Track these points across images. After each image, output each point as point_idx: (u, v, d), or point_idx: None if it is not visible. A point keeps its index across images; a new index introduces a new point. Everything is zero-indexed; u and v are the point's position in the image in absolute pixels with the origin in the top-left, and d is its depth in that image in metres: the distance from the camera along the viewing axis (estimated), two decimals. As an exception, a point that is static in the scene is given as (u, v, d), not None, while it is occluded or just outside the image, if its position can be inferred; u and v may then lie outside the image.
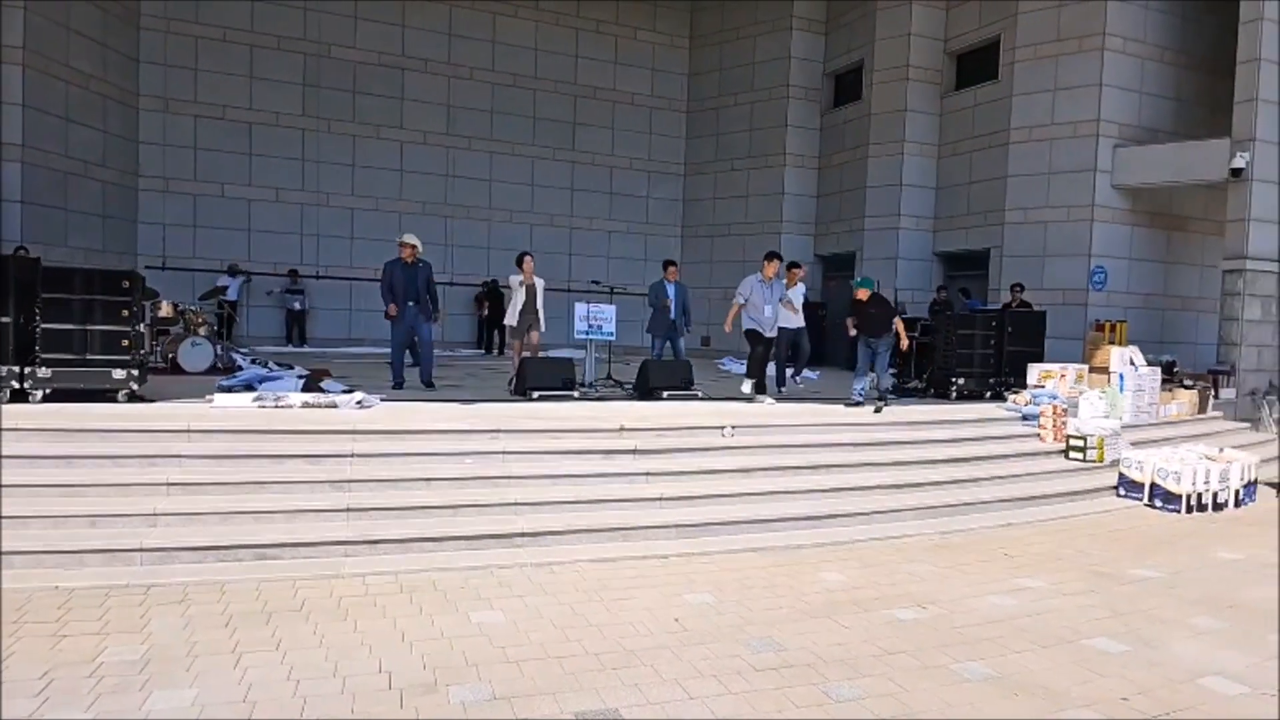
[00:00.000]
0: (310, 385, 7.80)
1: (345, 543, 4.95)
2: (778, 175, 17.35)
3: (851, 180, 16.26)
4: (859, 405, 8.40)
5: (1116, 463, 7.83)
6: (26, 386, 6.32)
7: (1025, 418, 8.55)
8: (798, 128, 17.26)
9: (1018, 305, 11.83)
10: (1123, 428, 8.62)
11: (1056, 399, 8.70)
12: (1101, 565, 5.61)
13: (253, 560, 4.76)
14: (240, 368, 9.65)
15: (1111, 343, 11.36)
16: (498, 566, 4.98)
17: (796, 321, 9.90)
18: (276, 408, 6.66)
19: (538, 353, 9.33)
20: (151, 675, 3.42)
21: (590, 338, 9.45)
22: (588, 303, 9.46)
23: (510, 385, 8.79)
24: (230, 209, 15.45)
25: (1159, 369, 10.17)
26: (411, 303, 8.54)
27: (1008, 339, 10.24)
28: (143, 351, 6.95)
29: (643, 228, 18.63)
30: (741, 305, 8.62)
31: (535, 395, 8.15)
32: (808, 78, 17.13)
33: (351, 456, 5.74)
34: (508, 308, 9.52)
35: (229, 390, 7.25)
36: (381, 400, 7.27)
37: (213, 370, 9.43)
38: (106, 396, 6.46)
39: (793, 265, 10.24)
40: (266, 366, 9.67)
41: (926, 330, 10.69)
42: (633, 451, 6.42)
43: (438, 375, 9.08)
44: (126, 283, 6.49)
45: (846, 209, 16.41)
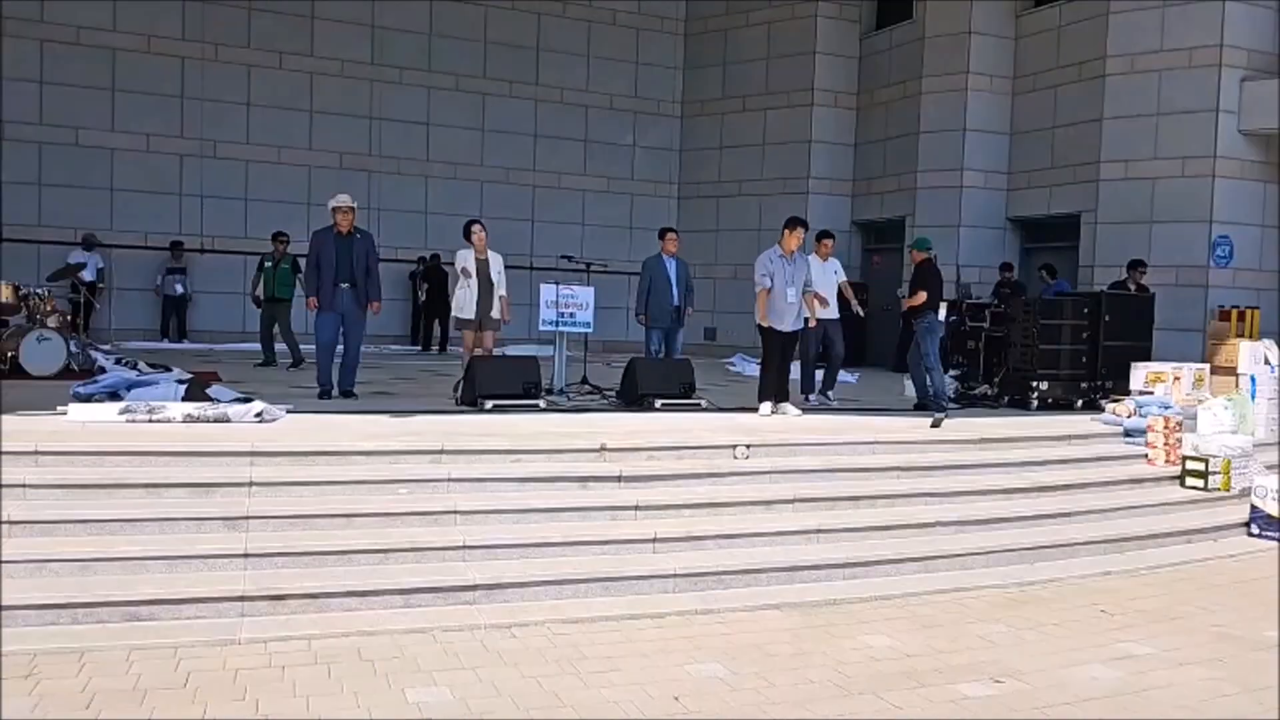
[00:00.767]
0: (194, 392, 7.76)
1: (242, 598, 4.92)
2: (804, 117, 17.40)
3: (900, 124, 16.32)
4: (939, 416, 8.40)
5: (1247, 492, 7.88)
6: None
7: (1128, 434, 8.60)
8: (830, 55, 17.31)
9: (1136, 291, 11.82)
10: (1255, 446, 8.66)
11: (1169, 409, 8.76)
12: (1229, 626, 5.63)
13: (121, 622, 4.71)
14: (102, 370, 9.60)
15: (1240, 335, 11.46)
16: (443, 629, 4.95)
17: (831, 311, 9.86)
18: (151, 422, 6.61)
19: (491, 351, 9.33)
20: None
21: (561, 330, 9.45)
22: (557, 284, 9.46)
23: (457, 392, 8.79)
24: (86, 161, 15.36)
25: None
26: (345, 284, 8.53)
27: (1105, 331, 10.30)
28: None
29: (627, 185, 18.65)
30: (769, 289, 8.58)
31: (490, 405, 8.15)
32: (843, -11, 17.23)
33: (250, 486, 5.70)
34: (454, 291, 9.50)
35: (88, 399, 7.19)
36: (288, 412, 7.25)
37: (66, 373, 9.36)
38: (-77, 408, 6.41)
39: (823, 235, 10.25)
40: (136, 368, 9.63)
41: (997, 319, 10.77)
42: (618, 478, 6.40)
43: (360, 379, 9.06)
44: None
45: (894, 162, 16.47)
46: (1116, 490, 7.80)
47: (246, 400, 7.37)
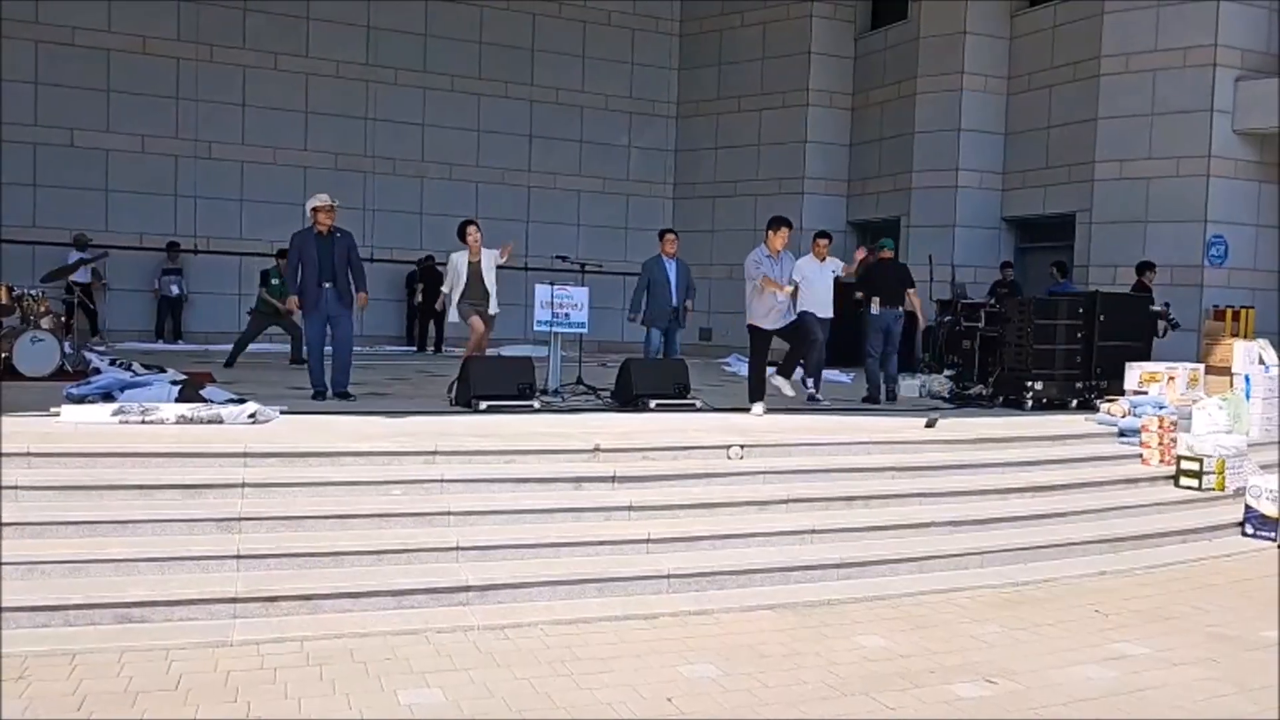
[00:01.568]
0: (187, 393, 7.76)
1: (235, 600, 4.91)
2: (798, 118, 17.40)
3: (895, 124, 16.33)
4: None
5: (1242, 492, 7.88)
6: None
7: (1123, 433, 8.61)
8: (825, 55, 17.31)
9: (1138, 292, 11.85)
10: (1249, 446, 8.67)
11: (1164, 409, 8.77)
12: (1223, 626, 5.64)
13: (113, 624, 4.70)
14: (96, 370, 9.58)
15: (1235, 335, 11.46)
16: (435, 630, 4.94)
17: (824, 310, 9.89)
18: (144, 423, 6.59)
19: (485, 350, 9.32)
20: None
21: (555, 330, 9.44)
22: (551, 284, 9.45)
23: (451, 393, 8.78)
24: (81, 162, 15.33)
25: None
26: (328, 284, 8.52)
27: (1099, 331, 10.31)
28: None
29: (623, 186, 18.64)
30: (764, 279, 8.59)
31: (483, 406, 8.14)
32: (838, -10, 17.23)
33: (243, 487, 5.68)
34: (448, 291, 9.49)
35: (81, 400, 7.19)
36: (281, 413, 7.23)
37: (60, 374, 9.35)
38: (-85, 410, 6.39)
39: (820, 235, 10.27)
40: (129, 369, 9.61)
41: (993, 319, 10.77)
42: (611, 479, 6.40)
43: (355, 379, 9.04)
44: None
45: (889, 162, 16.48)
46: (1111, 490, 7.80)
47: (240, 401, 7.35)
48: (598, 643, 4.92)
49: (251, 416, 6.88)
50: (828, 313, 9.98)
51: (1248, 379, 9.63)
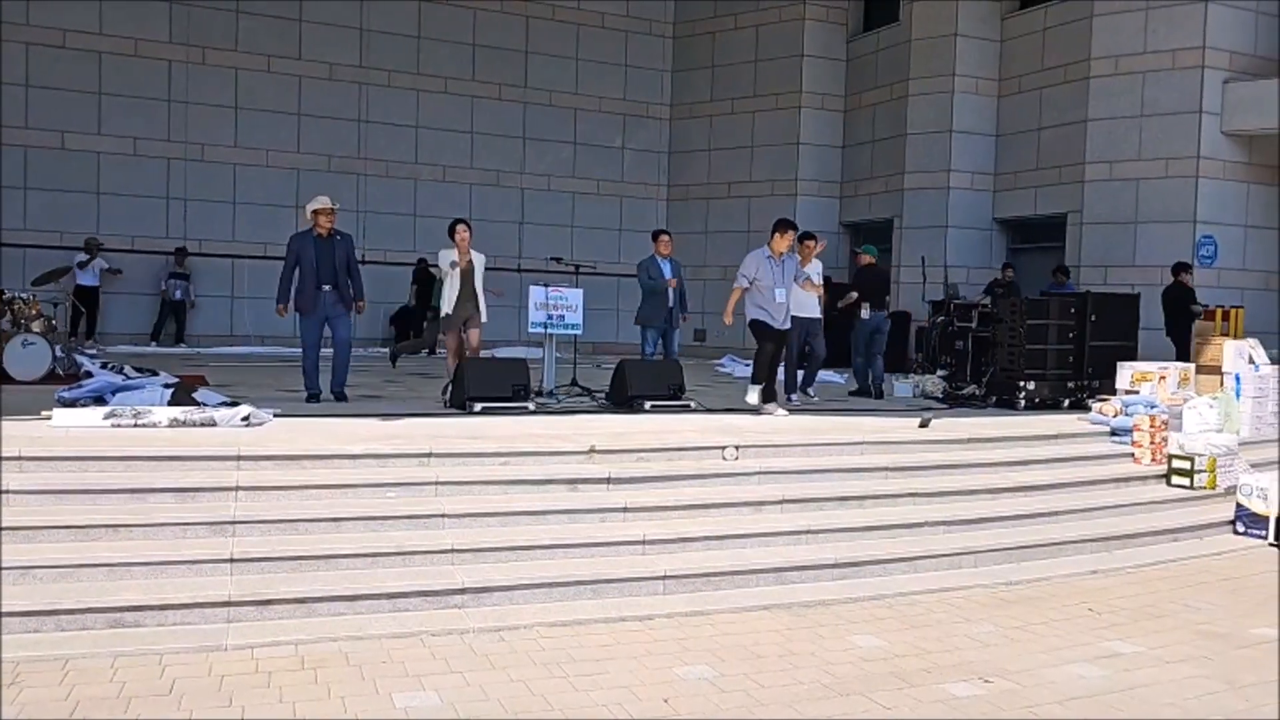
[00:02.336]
0: (180, 396, 7.71)
1: (228, 603, 4.89)
2: (791, 119, 17.42)
3: (887, 126, 16.35)
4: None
5: (1233, 490, 7.91)
6: None
7: (1115, 433, 8.63)
8: (817, 58, 17.34)
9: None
10: (1240, 445, 8.70)
11: (1155, 408, 8.79)
12: (1214, 624, 5.66)
13: (105, 629, 4.68)
14: (88, 374, 9.52)
15: (1224, 334, 11.50)
16: (430, 633, 4.93)
17: (812, 310, 9.91)
18: (136, 427, 6.57)
19: (478, 353, 9.30)
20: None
21: (550, 332, 9.44)
22: (546, 286, 9.45)
23: (445, 395, 8.76)
24: (73, 165, 15.27)
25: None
26: (327, 287, 8.51)
27: (1091, 331, 10.33)
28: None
29: (616, 188, 18.64)
30: (745, 289, 8.64)
31: (478, 408, 8.13)
32: (830, -8, 17.26)
33: (236, 490, 5.67)
34: (443, 293, 9.48)
35: (73, 404, 7.15)
36: (275, 416, 7.21)
37: (51, 377, 9.31)
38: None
39: (806, 237, 10.27)
40: (121, 372, 9.55)
41: (985, 319, 10.77)
42: (606, 481, 6.40)
43: (349, 382, 9.02)
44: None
45: (881, 163, 16.50)
46: (1103, 489, 7.81)
47: (233, 404, 7.33)
48: (593, 644, 4.92)
49: (245, 419, 6.85)
50: (815, 313, 10.02)
51: (1238, 378, 9.67)
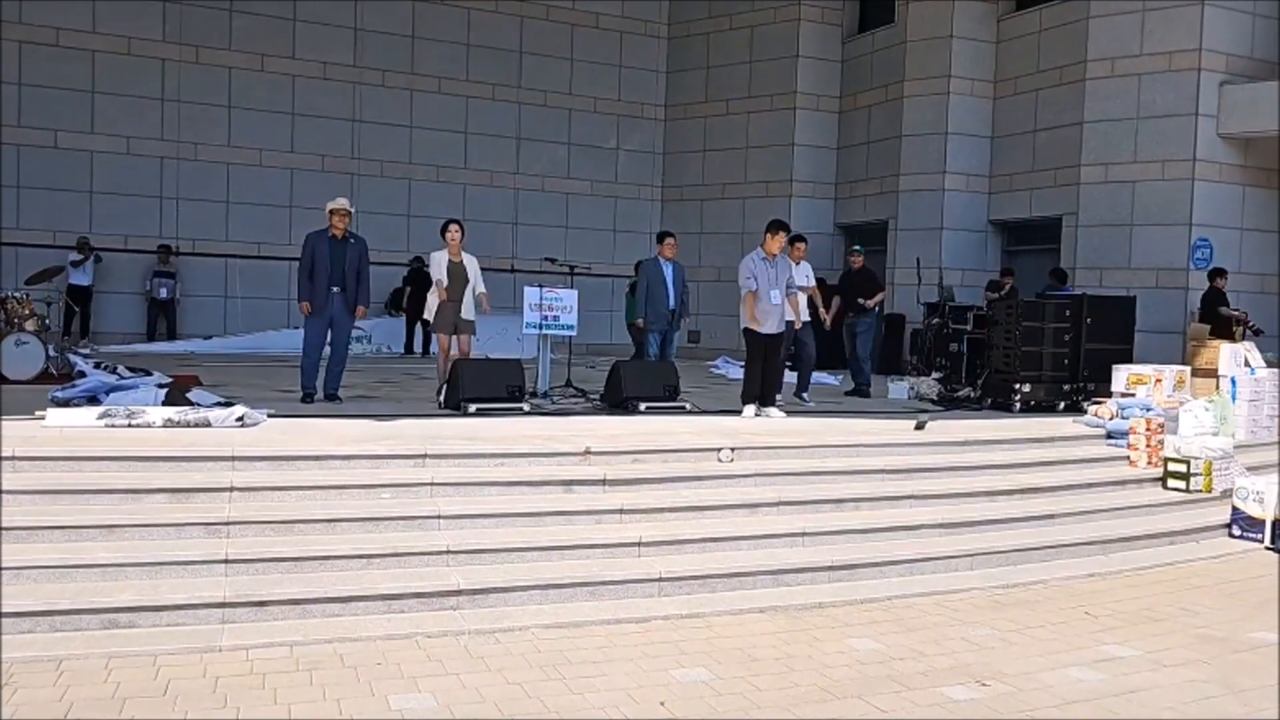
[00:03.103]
0: (174, 396, 7.71)
1: (223, 604, 4.88)
2: (786, 120, 17.42)
3: (882, 127, 16.37)
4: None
5: (1229, 494, 7.93)
6: None
7: (1110, 435, 8.64)
8: (812, 59, 17.35)
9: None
10: (1235, 448, 8.72)
11: (1151, 411, 8.81)
12: (1211, 627, 5.67)
13: (99, 630, 4.67)
14: (82, 374, 9.50)
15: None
16: (425, 635, 4.93)
17: (801, 313, 9.91)
18: (130, 427, 6.55)
19: (468, 353, 9.27)
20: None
21: (544, 333, 9.43)
22: (540, 287, 9.44)
23: (440, 396, 8.75)
24: (65, 164, 15.21)
25: (1280, 371, 10.32)
26: (336, 288, 8.50)
27: (1086, 333, 10.36)
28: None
29: (611, 188, 18.63)
30: (755, 290, 8.61)
31: (473, 409, 8.12)
32: (825, -7, 17.27)
33: (230, 491, 5.66)
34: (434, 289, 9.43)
35: (66, 404, 7.15)
36: (269, 416, 7.20)
37: (44, 377, 9.29)
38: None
39: (795, 239, 10.27)
40: (115, 372, 9.53)
41: (980, 322, 10.80)
42: (602, 482, 6.40)
43: (344, 382, 9.00)
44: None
45: (876, 164, 16.52)
46: (1099, 492, 7.83)
47: (228, 404, 7.31)
48: (589, 647, 4.91)
49: (239, 419, 6.84)
50: (805, 316, 10.00)
51: (1234, 381, 9.69)
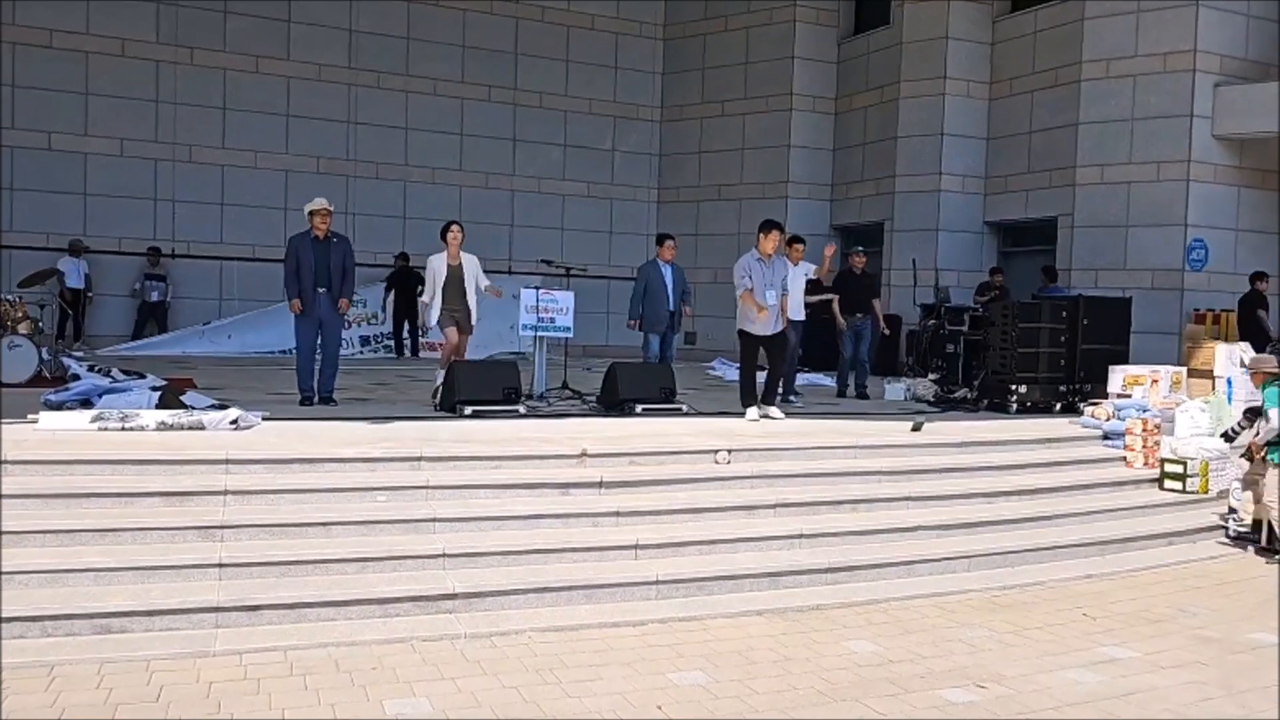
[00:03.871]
0: (168, 399, 7.68)
1: (217, 609, 4.87)
2: (782, 122, 17.41)
3: (878, 129, 16.37)
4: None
5: (1225, 494, 7.93)
6: None
7: (1107, 436, 8.64)
8: (808, 60, 17.34)
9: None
10: (1232, 448, 8.72)
11: (1147, 412, 8.81)
12: (1209, 628, 5.67)
13: (92, 635, 4.66)
14: (76, 377, 9.46)
15: (1216, 338, 11.55)
16: (421, 639, 4.92)
17: (797, 313, 9.96)
18: (124, 430, 6.54)
19: (464, 354, 9.24)
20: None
21: (540, 334, 9.40)
22: (537, 288, 9.42)
23: (435, 398, 8.72)
24: (59, 166, 15.15)
25: (1276, 371, 10.32)
26: (322, 289, 8.47)
27: (1082, 334, 10.36)
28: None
29: (607, 190, 18.61)
30: (750, 289, 8.58)
31: (469, 411, 8.10)
32: (821, -6, 17.26)
33: (225, 494, 5.64)
34: (427, 301, 9.38)
35: (59, 407, 7.11)
36: (264, 419, 7.18)
37: (37, 380, 9.26)
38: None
39: (794, 240, 10.28)
40: (109, 375, 9.49)
41: (976, 323, 10.79)
42: (598, 484, 6.39)
43: (338, 384, 8.97)
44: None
45: (872, 166, 16.51)
46: (1096, 493, 7.84)
47: (222, 407, 7.29)
48: (586, 650, 4.90)
49: (234, 423, 6.82)
50: (799, 315, 10.15)
51: (1229, 382, 9.69)
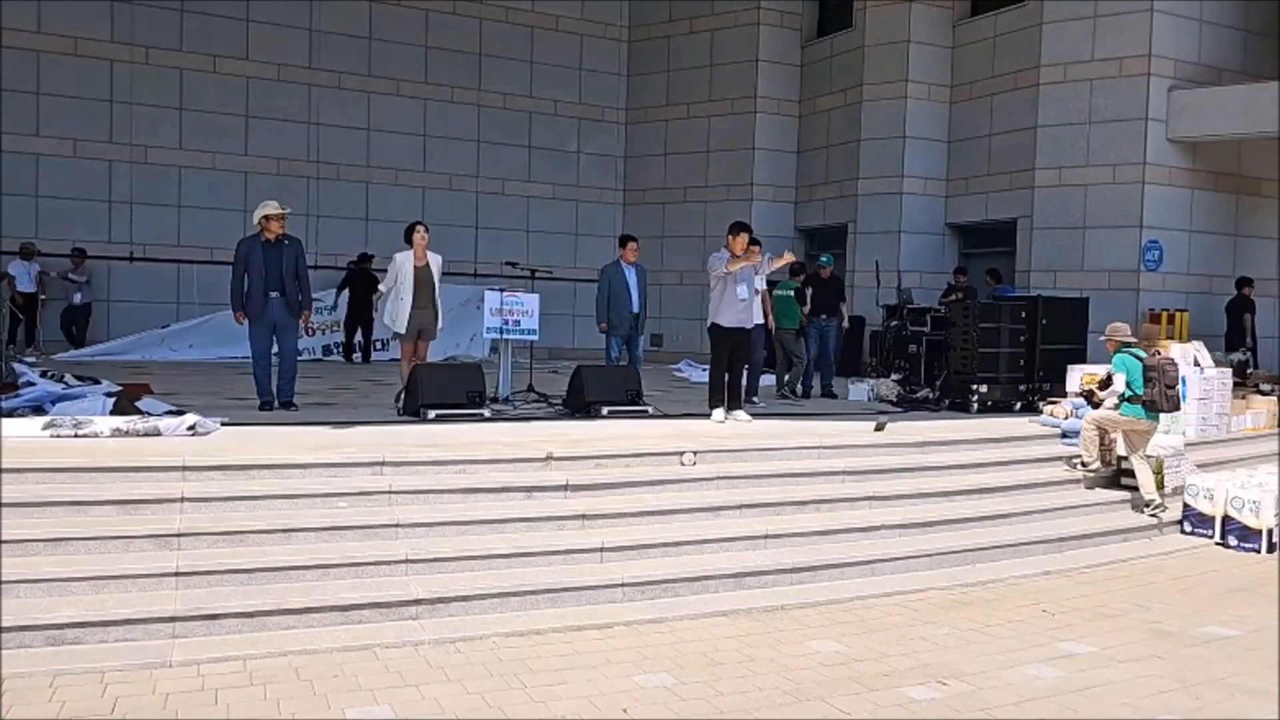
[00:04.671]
0: (123, 405, 7.59)
1: (173, 618, 4.80)
2: (747, 124, 17.49)
3: (841, 131, 16.49)
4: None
5: (1180, 491, 8.07)
6: None
7: (1065, 435, 8.76)
8: (772, 63, 17.43)
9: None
10: (1186, 446, 8.88)
11: (1104, 410, 8.92)
12: (1164, 622, 5.77)
13: (44, 646, 4.57)
14: (29, 383, 9.30)
15: (1170, 337, 11.72)
16: (384, 646, 4.88)
17: (756, 316, 9.95)
18: (77, 437, 6.45)
19: (424, 358, 9.17)
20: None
21: (505, 337, 9.38)
22: (501, 291, 9.38)
23: (398, 402, 8.66)
24: (9, 168, 14.86)
25: (1229, 370, 10.52)
26: (275, 294, 8.36)
27: (1041, 334, 10.49)
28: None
29: (572, 192, 18.60)
30: (726, 274, 8.54)
31: (432, 415, 8.05)
32: (784, -3, 17.35)
33: (181, 501, 5.57)
34: (384, 296, 9.29)
35: (10, 414, 7.01)
36: (222, 425, 7.09)
37: (-13, 387, 9.08)
38: None
39: (752, 243, 10.30)
40: (62, 381, 9.34)
41: (938, 324, 10.89)
42: (564, 488, 6.38)
43: (299, 389, 8.88)
44: None
45: (835, 168, 16.63)
46: (1055, 491, 7.94)
47: (179, 413, 7.20)
48: (551, 654, 4.89)
49: (191, 428, 6.74)
50: (757, 319, 10.05)
51: (1184, 380, 9.83)
